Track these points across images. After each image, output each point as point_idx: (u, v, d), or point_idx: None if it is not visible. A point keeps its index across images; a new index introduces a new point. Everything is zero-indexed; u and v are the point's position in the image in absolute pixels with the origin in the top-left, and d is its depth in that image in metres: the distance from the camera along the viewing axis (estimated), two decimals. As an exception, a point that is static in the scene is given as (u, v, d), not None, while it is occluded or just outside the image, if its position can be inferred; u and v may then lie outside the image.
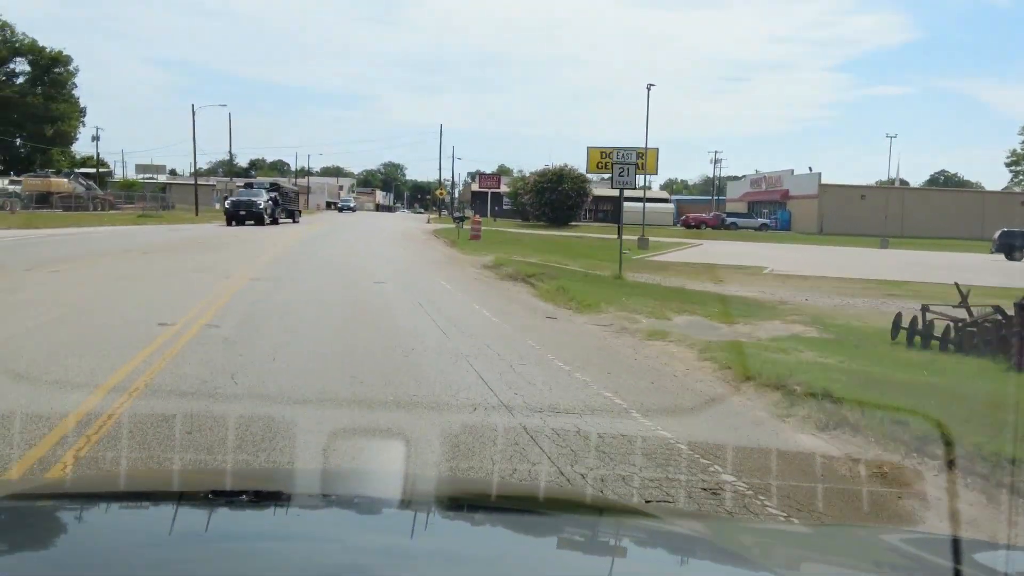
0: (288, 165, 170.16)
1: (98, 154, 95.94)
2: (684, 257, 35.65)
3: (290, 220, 53.58)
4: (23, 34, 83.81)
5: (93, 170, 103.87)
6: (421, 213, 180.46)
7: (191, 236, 31.53)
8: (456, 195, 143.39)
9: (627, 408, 6.70)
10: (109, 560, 1.65)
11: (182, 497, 2.13)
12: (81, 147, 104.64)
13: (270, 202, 47.81)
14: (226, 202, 51.77)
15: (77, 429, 5.33)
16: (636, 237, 50.33)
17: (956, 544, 2.12)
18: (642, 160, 53.78)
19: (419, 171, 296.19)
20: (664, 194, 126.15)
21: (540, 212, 70.44)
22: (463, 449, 5.32)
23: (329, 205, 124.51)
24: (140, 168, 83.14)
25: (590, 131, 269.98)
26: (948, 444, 5.45)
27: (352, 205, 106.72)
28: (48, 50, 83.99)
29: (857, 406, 6.43)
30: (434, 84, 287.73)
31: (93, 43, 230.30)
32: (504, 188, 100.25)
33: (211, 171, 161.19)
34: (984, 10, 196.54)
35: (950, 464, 5.32)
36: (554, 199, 68.20)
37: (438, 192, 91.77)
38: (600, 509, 2.58)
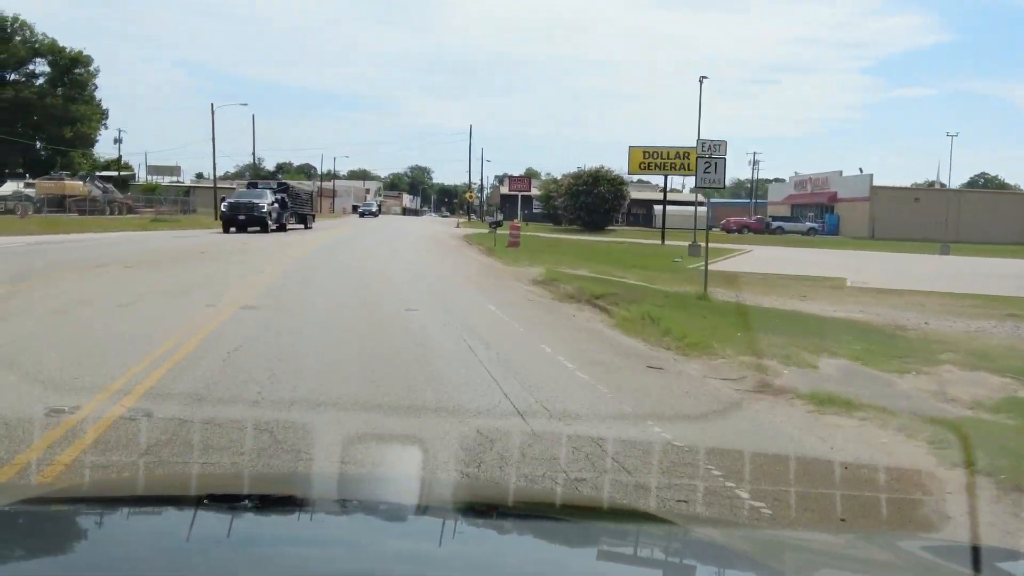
0: (315, 169, 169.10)
1: (120, 157, 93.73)
2: (742, 265, 32.12)
3: (302, 226, 47.89)
4: (43, 34, 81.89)
5: (115, 173, 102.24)
6: (447, 217, 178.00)
7: (191, 245, 27.44)
8: (484, 198, 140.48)
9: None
10: (125, 565, 1.66)
11: (200, 502, 2.14)
12: (105, 150, 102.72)
13: (276, 204, 41.85)
14: (222, 204, 43.51)
15: None
16: (686, 243, 47.03)
17: (976, 552, 2.12)
18: (688, 160, 50.42)
19: (445, 174, 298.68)
20: (700, 197, 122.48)
21: (574, 216, 67.03)
22: None
23: (355, 209, 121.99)
24: (151, 169, 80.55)
25: (618, 134, 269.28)
26: None
27: (374, 209, 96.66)
28: (68, 50, 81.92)
29: None
30: (458, 87, 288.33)
31: (118, 48, 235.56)
32: (535, 191, 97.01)
33: (238, 174, 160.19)
34: (1017, 11, 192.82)
35: None
36: (590, 202, 64.78)
37: (467, 195, 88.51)
38: (616, 515, 2.56)
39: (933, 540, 3.40)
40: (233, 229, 39.37)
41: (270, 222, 40.18)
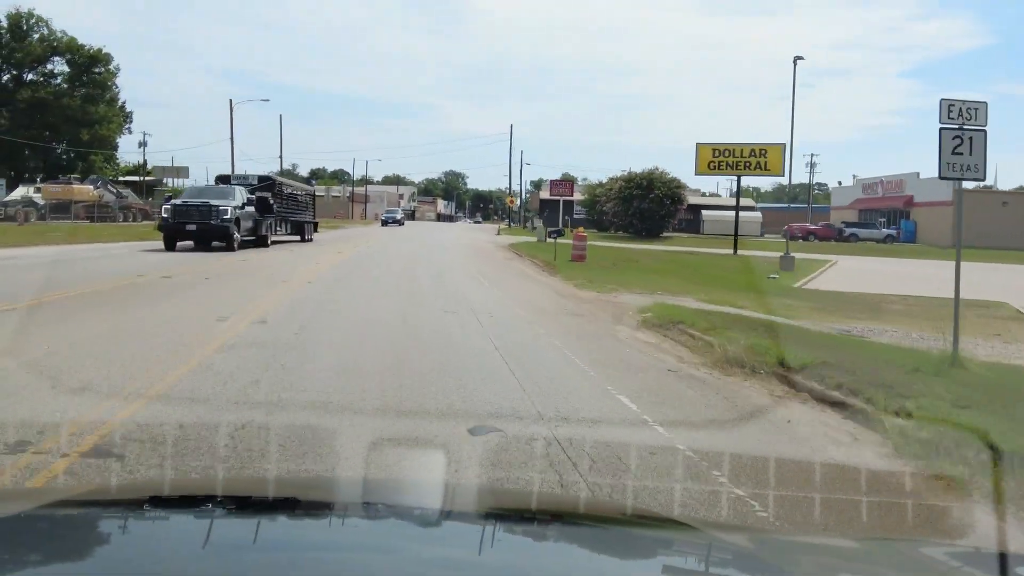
0: (348, 175, 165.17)
1: (145, 162, 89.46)
2: (843, 282, 26.17)
3: (297, 237, 37.20)
4: (62, 32, 77.67)
5: (139, 178, 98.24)
6: (482, 223, 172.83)
7: (145, 273, 17.65)
8: (523, 202, 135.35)
9: None
10: (150, 569, 1.67)
11: (226, 505, 2.15)
12: (132, 154, 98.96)
13: (250, 208, 29.41)
14: (163, 207, 30.22)
15: None
16: (761, 253, 40.97)
17: (1004, 560, 2.09)
18: (765, 158, 44.41)
19: (480, 180, 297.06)
20: (749, 201, 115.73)
21: (625, 222, 61.15)
22: None
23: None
24: (158, 171, 75.87)
25: (656, 138, 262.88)
26: None
27: (398, 216, 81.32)
28: (87, 48, 77.58)
29: None
30: (492, 93, 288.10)
31: (149, 55, 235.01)
32: (577, 195, 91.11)
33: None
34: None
35: None
36: (644, 208, 58.87)
37: (508, 200, 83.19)
38: (639, 521, 2.52)
39: (959, 547, 3.36)
40: (190, 242, 27.29)
41: (237, 234, 27.62)
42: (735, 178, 46.21)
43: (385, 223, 75.54)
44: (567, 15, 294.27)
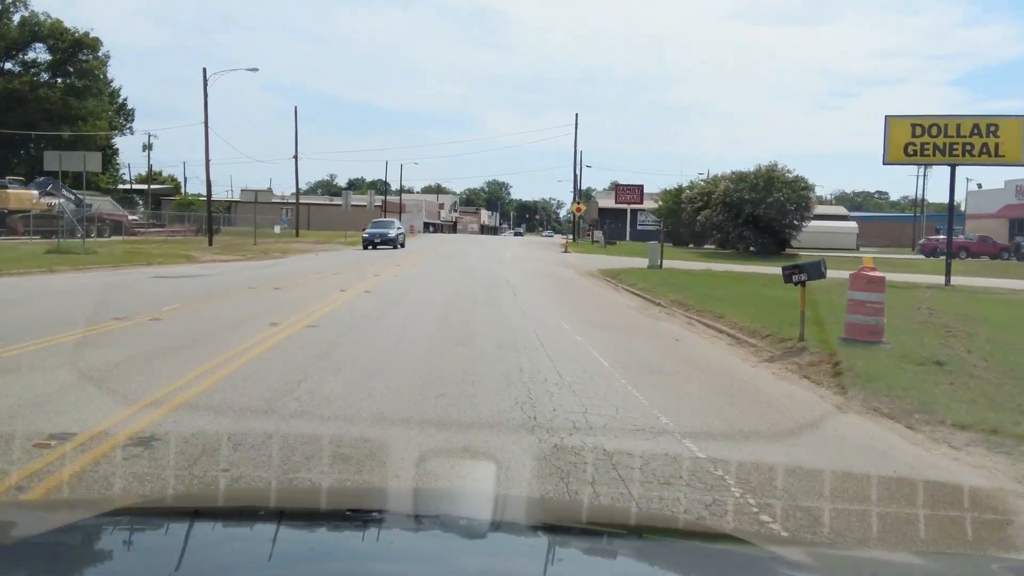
0: (389, 185, 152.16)
1: (151, 167, 77.48)
2: None
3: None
4: (44, 14, 65.40)
5: (144, 186, 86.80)
6: (522, 235, 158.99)
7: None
8: (578, 213, 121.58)
9: None
10: None
11: (280, 515, 2.18)
12: (139, 160, 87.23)
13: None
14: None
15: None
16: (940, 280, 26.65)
17: None
18: (994, 139, 30.04)
19: (523, 191, 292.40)
20: (840, 209, 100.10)
21: (735, 234, 47.01)
22: None
23: (428, 227, 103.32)
24: (139, 179, 64.05)
25: (701, 147, 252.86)
26: None
27: (392, 234, 45.76)
28: (72, 31, 65.21)
29: None
30: (537, 103, 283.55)
31: (198, 66, 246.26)
32: (648, 203, 76.96)
33: (310, 191, 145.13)
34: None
35: None
36: (760, 214, 44.50)
37: (575, 208, 69.34)
38: (692, 534, 2.50)
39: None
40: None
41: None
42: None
43: (369, 244, 44.24)
44: (608, 24, 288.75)
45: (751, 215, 44.88)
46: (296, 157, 55.81)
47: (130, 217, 55.00)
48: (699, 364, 10.21)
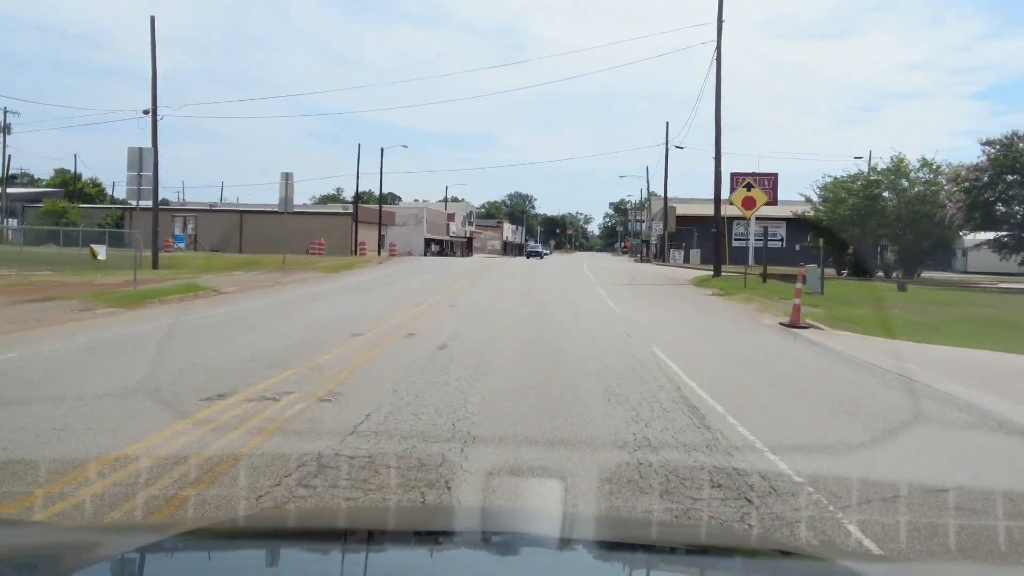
0: (400, 198, 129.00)
1: (7, 165, 54.13)
2: None
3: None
4: None
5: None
6: (546, 254, 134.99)
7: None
8: (649, 221, 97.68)
9: None
10: None
11: (349, 536, 2.24)
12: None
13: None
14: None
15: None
16: None
17: None
18: None
19: (546, 205, 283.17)
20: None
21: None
22: None
23: (430, 245, 78.87)
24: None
25: (732, 164, 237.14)
26: None
27: None
28: None
29: None
30: (555, 121, 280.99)
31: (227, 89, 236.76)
32: (772, 211, 52.88)
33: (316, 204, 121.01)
34: None
35: None
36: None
37: (737, 201, 43.34)
38: (764, 551, 2.41)
39: None
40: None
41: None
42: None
43: None
44: (628, 39, 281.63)
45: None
46: (154, 110, 31.77)
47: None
48: None
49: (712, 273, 34.74)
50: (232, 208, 66.08)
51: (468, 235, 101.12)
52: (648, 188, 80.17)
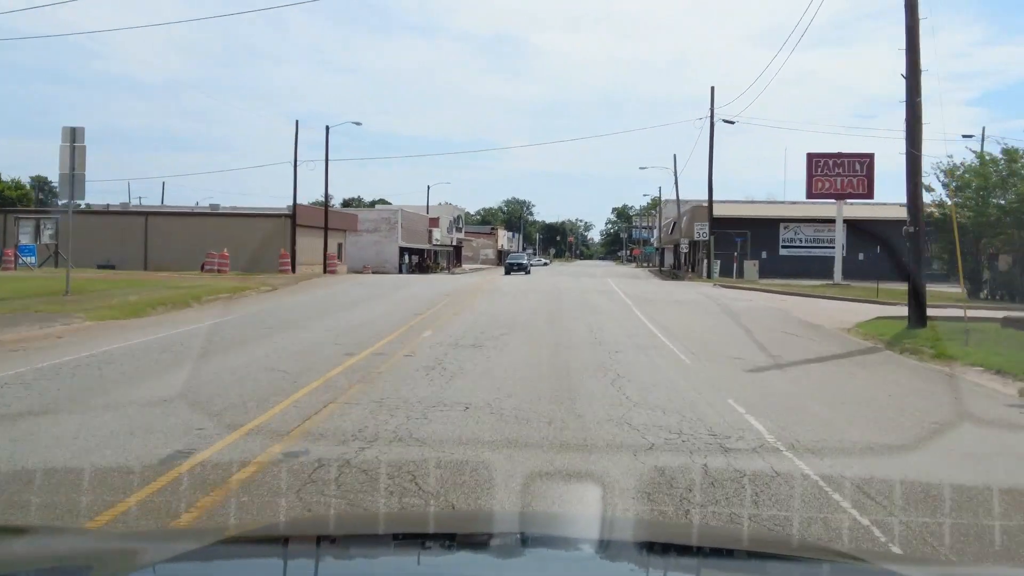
0: (391, 204, 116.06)
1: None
2: None
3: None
4: None
5: None
6: (545, 263, 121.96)
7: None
8: (658, 231, 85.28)
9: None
10: None
11: (387, 540, 2.24)
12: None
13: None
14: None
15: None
16: None
17: None
18: None
19: (545, 212, 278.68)
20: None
21: None
22: None
23: (407, 257, 65.70)
24: None
25: (736, 173, 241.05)
26: None
27: None
28: None
29: None
30: (558, 128, 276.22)
31: (236, 100, 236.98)
32: (867, 212, 39.83)
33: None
34: None
35: None
36: None
37: (949, 201, 29.24)
38: (806, 555, 2.34)
39: None
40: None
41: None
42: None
43: None
44: (631, 47, 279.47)
45: None
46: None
47: None
48: None
49: (907, 318, 18.57)
50: (126, 211, 52.38)
51: (456, 243, 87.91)
52: (676, 178, 67.24)
